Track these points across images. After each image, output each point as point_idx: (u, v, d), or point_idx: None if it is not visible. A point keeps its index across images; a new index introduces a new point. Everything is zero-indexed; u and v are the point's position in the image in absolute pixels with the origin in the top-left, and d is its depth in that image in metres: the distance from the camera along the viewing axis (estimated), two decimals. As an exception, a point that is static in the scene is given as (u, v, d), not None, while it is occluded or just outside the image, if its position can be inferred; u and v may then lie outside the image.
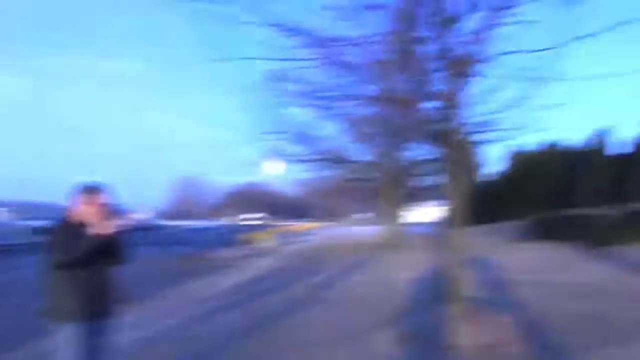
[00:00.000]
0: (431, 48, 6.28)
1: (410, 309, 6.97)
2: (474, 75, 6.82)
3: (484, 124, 10.31)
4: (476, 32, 6.09)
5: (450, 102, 6.52)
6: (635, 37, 6.48)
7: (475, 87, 9.20)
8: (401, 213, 18.63)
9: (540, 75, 7.77)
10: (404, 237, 17.63)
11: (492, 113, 9.89)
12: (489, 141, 11.36)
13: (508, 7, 6.00)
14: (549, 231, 13.09)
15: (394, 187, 16.87)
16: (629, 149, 16.10)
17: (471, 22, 6.18)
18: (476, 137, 12.47)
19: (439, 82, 6.47)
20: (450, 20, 6.07)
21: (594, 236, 11.58)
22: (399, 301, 7.46)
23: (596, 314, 6.19)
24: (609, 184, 15.24)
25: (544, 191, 17.45)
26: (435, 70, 6.39)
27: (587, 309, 6.52)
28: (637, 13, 6.18)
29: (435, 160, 15.22)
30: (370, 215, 51.90)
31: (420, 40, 6.22)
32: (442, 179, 6.73)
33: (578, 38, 6.60)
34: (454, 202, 6.40)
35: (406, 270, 10.74)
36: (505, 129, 10.37)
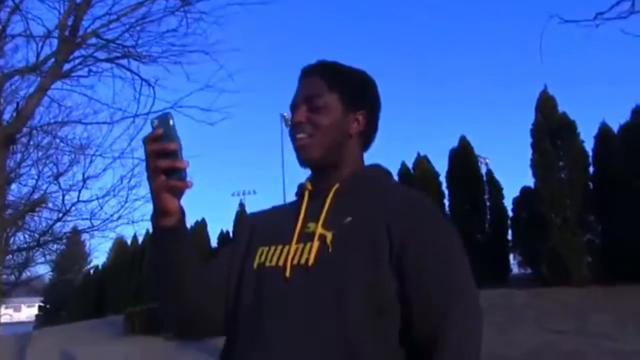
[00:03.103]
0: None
1: None
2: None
3: (86, 212, 10.23)
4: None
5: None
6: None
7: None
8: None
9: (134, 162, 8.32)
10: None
11: (91, 201, 9.97)
12: (91, 229, 11.26)
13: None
14: (144, 324, 13.37)
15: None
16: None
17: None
18: (80, 226, 12.13)
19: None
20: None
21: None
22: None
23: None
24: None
25: (145, 284, 18.00)
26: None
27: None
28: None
29: (29, 249, 13.66)
30: None
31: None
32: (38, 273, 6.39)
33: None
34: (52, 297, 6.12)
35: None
36: (105, 218, 10.55)
